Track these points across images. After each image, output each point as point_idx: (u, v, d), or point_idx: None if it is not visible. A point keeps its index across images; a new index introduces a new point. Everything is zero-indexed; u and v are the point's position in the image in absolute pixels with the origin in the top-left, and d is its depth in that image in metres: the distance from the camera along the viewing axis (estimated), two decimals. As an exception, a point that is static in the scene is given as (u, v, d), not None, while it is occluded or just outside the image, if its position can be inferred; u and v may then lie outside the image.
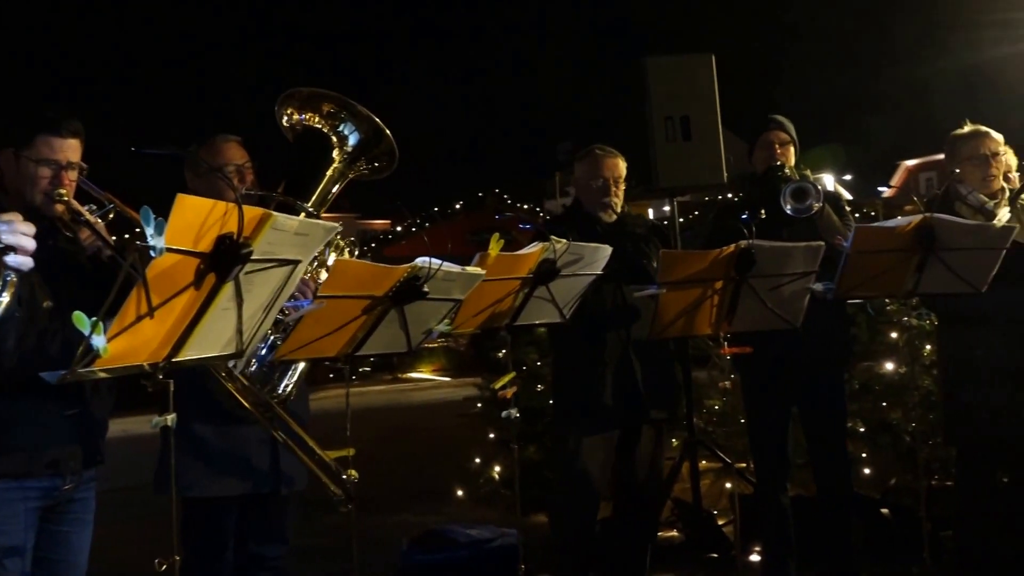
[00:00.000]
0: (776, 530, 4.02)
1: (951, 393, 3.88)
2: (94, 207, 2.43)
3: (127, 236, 2.43)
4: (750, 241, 2.97)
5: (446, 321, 2.84)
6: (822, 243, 3.12)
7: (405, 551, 4.61)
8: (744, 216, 3.31)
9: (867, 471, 4.86)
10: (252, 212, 1.87)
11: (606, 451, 3.75)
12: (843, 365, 4.04)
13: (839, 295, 3.19)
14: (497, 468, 5.36)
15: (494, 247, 2.82)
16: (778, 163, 3.83)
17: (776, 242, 3.07)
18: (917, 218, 3.12)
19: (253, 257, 1.91)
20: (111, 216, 2.43)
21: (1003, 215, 3.21)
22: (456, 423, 6.55)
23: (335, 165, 3.06)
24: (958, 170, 3.64)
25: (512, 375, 3.20)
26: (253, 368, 2.89)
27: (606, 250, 3.18)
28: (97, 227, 2.41)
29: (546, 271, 3.03)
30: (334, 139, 3.05)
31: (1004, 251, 3.17)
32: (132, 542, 5.36)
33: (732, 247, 3.00)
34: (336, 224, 2.18)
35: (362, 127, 3.03)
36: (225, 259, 1.81)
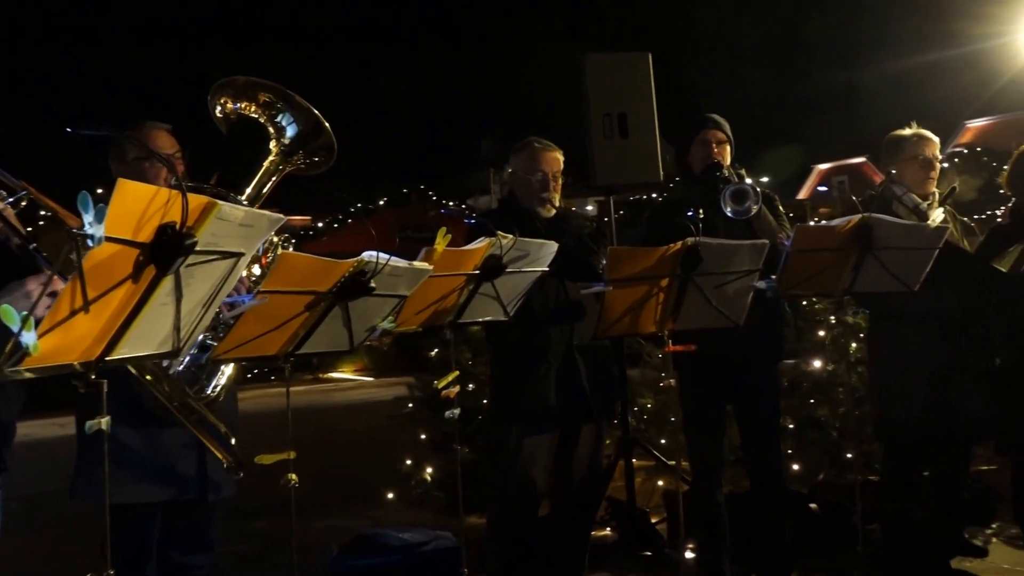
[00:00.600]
0: (711, 527, 4.04)
1: (878, 389, 3.97)
2: (3, 193, 2.26)
3: (41, 224, 2.27)
4: (697, 238, 2.96)
5: (390, 318, 2.75)
6: (766, 241, 3.13)
7: (335, 557, 4.47)
8: (689, 213, 3.30)
9: (796, 467, 4.94)
10: (196, 200, 1.74)
11: (548, 451, 3.71)
12: (777, 362, 4.08)
13: (781, 293, 3.20)
14: (430, 469, 5.26)
15: (440, 242, 2.74)
16: (716, 162, 3.85)
17: (722, 240, 3.07)
18: (856, 218, 3.16)
19: (196, 249, 1.78)
20: (23, 204, 2.26)
21: (937, 216, 3.28)
22: (384, 424, 6.42)
23: (272, 157, 2.94)
24: (894, 171, 3.71)
25: (456, 374, 3.12)
26: (180, 368, 2.75)
27: (552, 246, 3.13)
28: (6, 215, 2.24)
29: (492, 267, 2.96)
30: (271, 130, 2.93)
31: (937, 251, 3.24)
32: (43, 553, 5.09)
33: (679, 244, 2.98)
34: (281, 216, 2.06)
35: (301, 119, 2.93)
36: (167, 250, 1.69)
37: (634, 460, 5.19)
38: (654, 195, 7.27)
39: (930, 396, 3.68)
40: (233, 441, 2.59)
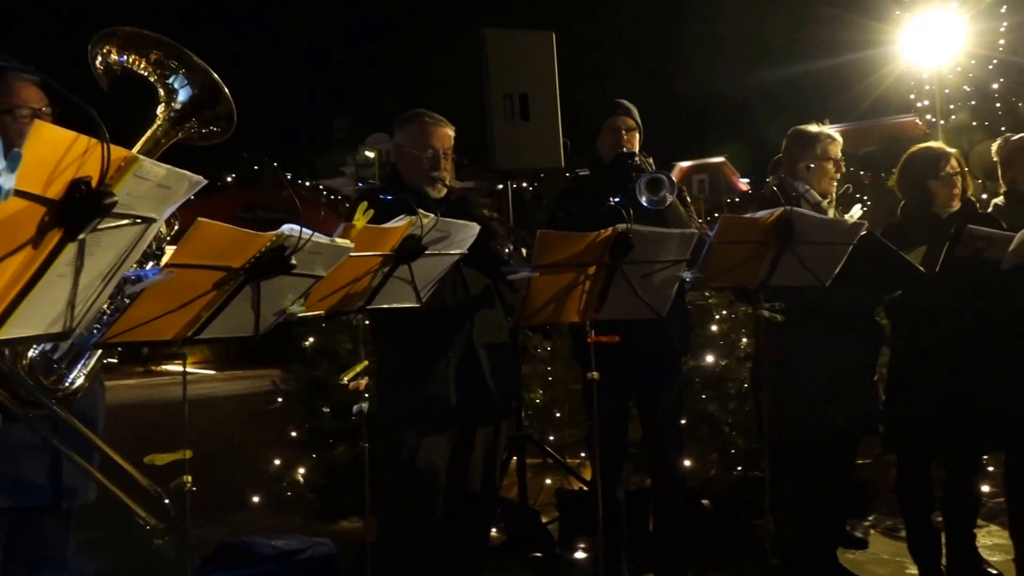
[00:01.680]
0: (610, 524, 3.92)
1: (777, 384, 3.97)
2: None
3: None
4: (628, 225, 2.81)
5: (300, 301, 2.44)
6: (695, 230, 3.02)
7: (198, 570, 4.04)
8: (617, 199, 3.15)
9: (687, 463, 4.92)
10: (118, 152, 1.41)
11: (445, 452, 3.45)
12: (682, 356, 4.02)
13: (704, 284, 3.11)
14: (302, 470, 4.87)
15: (360, 218, 2.45)
16: (628, 150, 3.73)
17: (653, 227, 2.93)
18: (778, 211, 3.11)
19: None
20: None
21: (855, 211, 3.29)
22: (240, 421, 5.96)
23: (158, 123, 2.57)
24: (811, 165, 3.70)
25: (364, 364, 2.83)
26: (34, 353, 2.35)
27: (473, 228, 2.89)
28: None
29: (411, 248, 2.69)
30: (161, 92, 2.55)
31: (851, 247, 3.24)
32: None
33: (609, 231, 2.82)
34: (202, 178, 1.73)
35: (196, 82, 2.57)
36: (81, 211, 1.35)
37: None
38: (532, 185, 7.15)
39: (829, 391, 3.71)
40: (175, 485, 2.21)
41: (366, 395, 2.84)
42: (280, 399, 5.14)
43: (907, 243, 3.70)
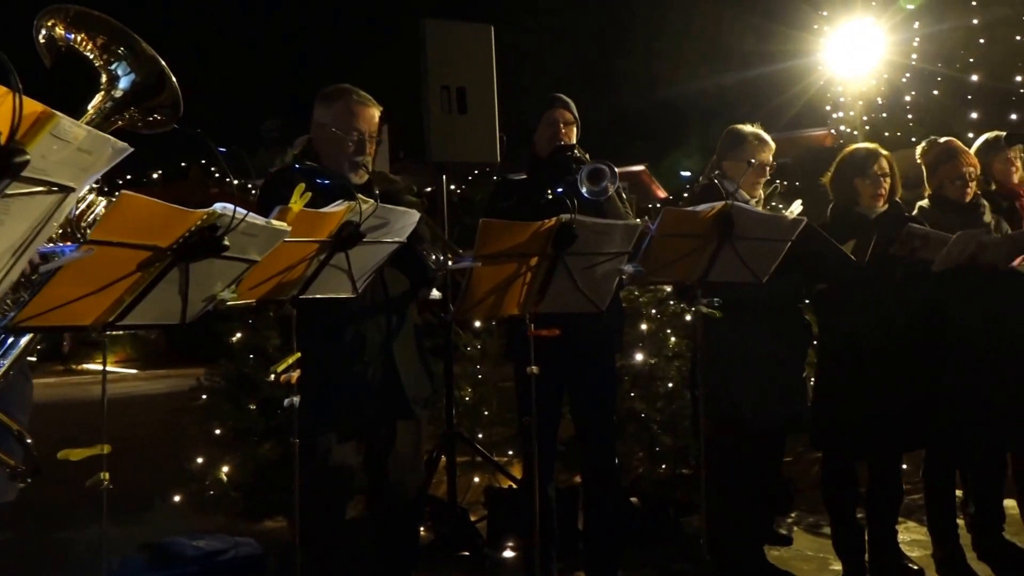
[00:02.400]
0: (541, 522, 3.87)
1: (710, 381, 3.98)
2: None
3: None
4: (572, 216, 2.76)
5: (232, 288, 2.32)
6: (639, 222, 2.99)
7: (117, 571, 3.86)
8: (560, 189, 3.11)
9: (615, 461, 4.91)
10: (31, 107, 1.29)
11: (361, 451, 3.34)
12: (615, 353, 4.00)
13: (645, 278, 3.09)
14: (226, 468, 4.70)
15: (297, 201, 2.35)
16: (567, 143, 3.71)
17: (596, 219, 2.90)
18: (719, 205, 3.11)
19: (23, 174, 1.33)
20: None
21: (795, 207, 3.31)
22: (162, 420, 5.73)
23: (95, 104, 2.44)
24: (750, 161, 3.73)
25: (296, 356, 2.71)
26: None
27: (413, 216, 2.80)
28: None
29: (349, 235, 2.59)
30: (103, 77, 2.43)
31: (789, 243, 3.26)
32: None
33: (552, 221, 2.77)
34: (127, 145, 1.62)
35: (141, 70, 2.47)
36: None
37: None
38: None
39: (764, 388, 3.74)
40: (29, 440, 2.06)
41: (297, 389, 2.71)
42: (204, 396, 4.95)
43: (836, 240, 3.75)
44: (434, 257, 3.10)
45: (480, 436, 5.06)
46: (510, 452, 5.36)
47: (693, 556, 4.44)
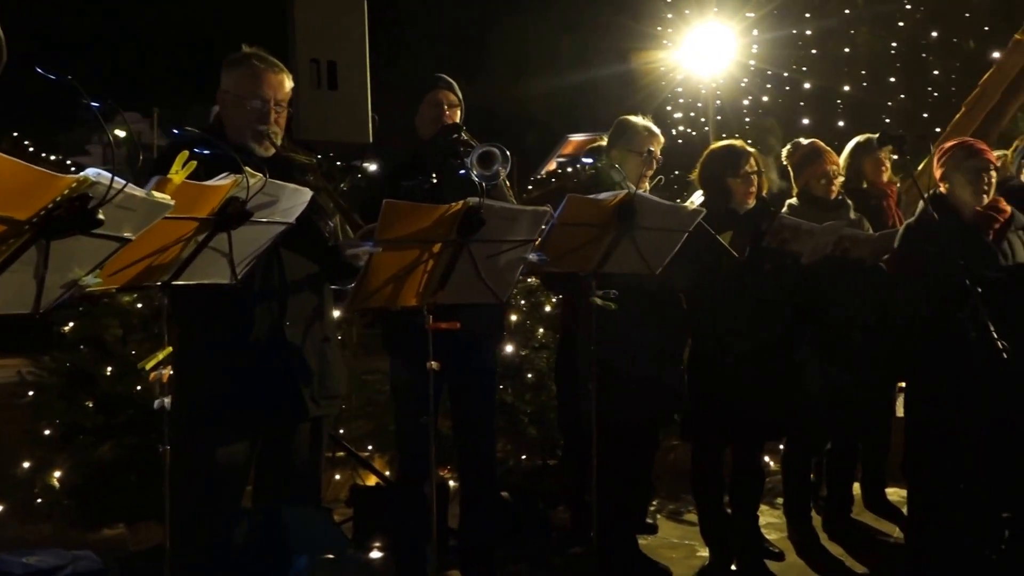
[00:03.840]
0: (417, 520, 3.69)
1: (586, 373, 3.92)
2: None
3: None
4: (481, 199, 2.59)
5: (96, 272, 1.99)
6: (548, 208, 2.84)
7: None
8: (462, 172, 2.92)
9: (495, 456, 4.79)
10: None
11: (248, 457, 3.03)
12: (496, 343, 3.87)
13: (548, 266, 2.96)
14: (58, 473, 4.18)
15: (180, 172, 2.04)
16: (454, 124, 3.53)
17: (505, 203, 2.73)
18: (622, 193, 3.03)
19: None
20: None
21: (695, 198, 3.28)
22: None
23: None
24: (643, 152, 3.69)
25: (168, 351, 2.38)
26: None
27: (305, 194, 2.52)
28: None
29: (234, 213, 2.30)
30: None
31: (686, 234, 3.23)
32: None
33: (459, 204, 2.58)
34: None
35: None
36: None
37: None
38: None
39: (648, 378, 3.72)
40: None
41: (169, 388, 2.38)
42: (32, 392, 4.38)
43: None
44: (330, 227, 2.81)
45: (342, 431, 4.78)
46: (370, 447, 5.12)
47: (563, 548, 4.41)
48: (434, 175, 3.47)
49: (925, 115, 7.93)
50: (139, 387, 4.13)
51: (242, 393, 2.84)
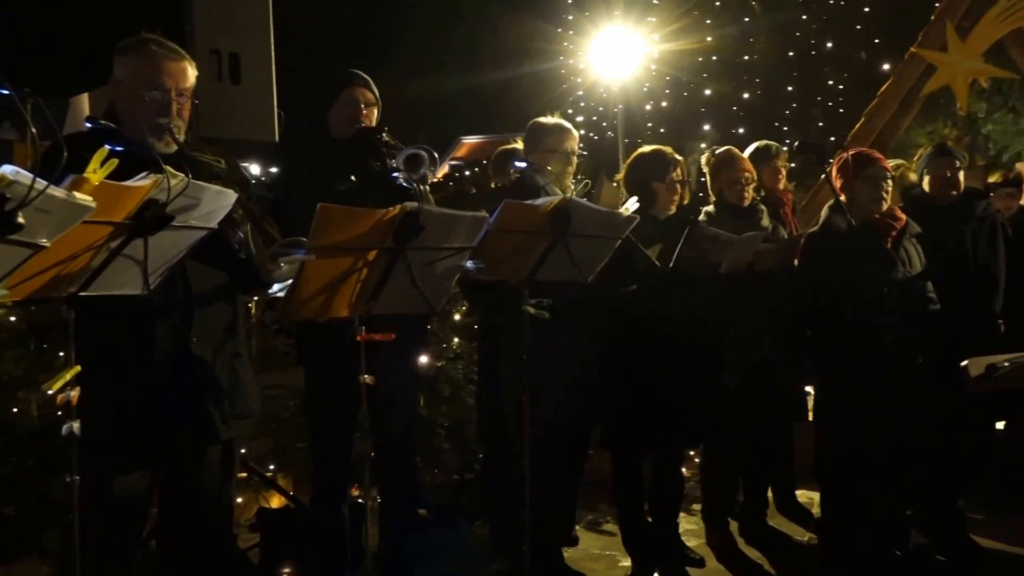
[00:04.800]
0: (334, 543, 3.49)
1: (513, 384, 3.81)
2: None
3: None
4: (419, 203, 2.42)
5: (2, 283, 1.73)
6: (486, 214, 2.70)
7: None
8: (395, 174, 2.74)
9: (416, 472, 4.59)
10: None
11: (150, 483, 2.74)
12: (420, 353, 3.70)
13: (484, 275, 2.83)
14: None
15: (98, 171, 1.79)
16: (375, 125, 3.36)
17: (444, 209, 2.57)
18: (556, 199, 2.93)
19: None
20: None
21: (630, 204, 3.20)
22: None
23: None
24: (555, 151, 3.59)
25: (76, 370, 2.11)
26: None
27: (229, 196, 2.28)
28: None
29: (153, 217, 2.06)
30: None
31: (619, 241, 3.16)
32: None
33: (396, 209, 2.41)
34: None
35: None
36: None
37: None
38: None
39: (579, 389, 3.64)
40: None
41: (76, 412, 2.12)
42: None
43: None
44: (240, 237, 2.55)
45: (244, 451, 4.48)
46: (272, 467, 4.84)
47: (486, 564, 4.27)
48: (353, 177, 3.29)
49: (820, 124, 8.26)
50: (15, 409, 3.73)
51: (144, 415, 2.57)
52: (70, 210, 1.67)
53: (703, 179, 4.53)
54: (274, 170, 4.84)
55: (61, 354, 2.22)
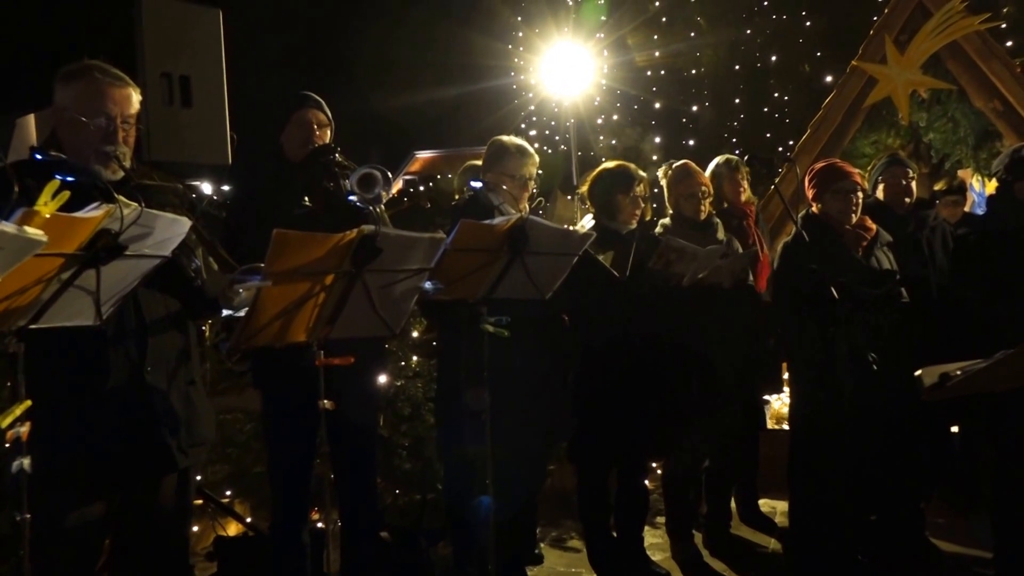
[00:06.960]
0: (294, 570, 3.44)
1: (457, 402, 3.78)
2: None
3: None
4: (376, 227, 2.42)
5: (-51, 319, 1.69)
6: (443, 235, 2.69)
7: None
8: (351, 196, 2.72)
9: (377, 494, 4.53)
10: None
11: (104, 516, 2.68)
12: (379, 372, 3.67)
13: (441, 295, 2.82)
14: None
15: (50, 204, 1.76)
16: (328, 145, 3.34)
17: (401, 231, 2.56)
18: (514, 218, 2.94)
19: None
20: None
21: (586, 221, 3.22)
22: None
23: None
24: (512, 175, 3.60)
25: (27, 404, 2.06)
26: None
27: (183, 224, 2.25)
28: None
29: (105, 247, 2.02)
30: None
31: (576, 258, 3.18)
32: None
33: (353, 232, 2.40)
34: None
35: None
36: None
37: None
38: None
39: (538, 405, 3.64)
40: None
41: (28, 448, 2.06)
42: None
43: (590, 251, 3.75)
44: (195, 264, 2.51)
45: (200, 478, 4.40)
46: (228, 492, 4.76)
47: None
48: (308, 199, 3.27)
49: (768, 135, 8.42)
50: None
51: (99, 446, 2.51)
52: (21, 245, 1.64)
53: (656, 190, 4.57)
54: (227, 188, 4.78)
55: (9, 384, 2.15)
